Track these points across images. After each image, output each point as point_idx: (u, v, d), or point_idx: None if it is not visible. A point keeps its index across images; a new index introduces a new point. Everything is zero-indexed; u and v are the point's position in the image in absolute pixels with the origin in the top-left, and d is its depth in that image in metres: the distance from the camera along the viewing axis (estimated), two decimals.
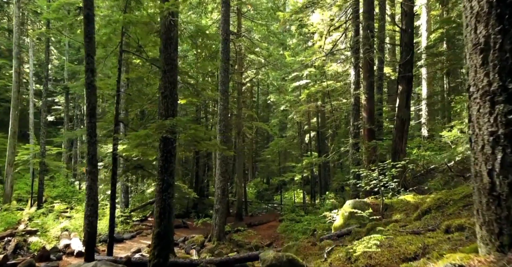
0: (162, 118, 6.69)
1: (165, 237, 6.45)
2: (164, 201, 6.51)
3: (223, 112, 14.06)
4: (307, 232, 15.50)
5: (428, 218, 4.89)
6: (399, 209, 7.66)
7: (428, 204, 5.51)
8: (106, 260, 7.99)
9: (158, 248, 6.33)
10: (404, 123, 11.84)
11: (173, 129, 6.45)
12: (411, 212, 7.15)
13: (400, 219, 6.62)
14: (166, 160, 6.64)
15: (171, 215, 6.62)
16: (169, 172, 6.64)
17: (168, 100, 6.76)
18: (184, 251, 12.51)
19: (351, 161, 12.55)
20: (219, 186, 13.88)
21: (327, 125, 24.18)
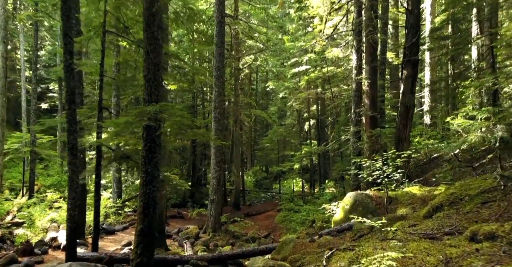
0: (146, 104, 6.05)
1: (149, 234, 5.89)
2: (148, 195, 5.93)
3: (218, 98, 13.40)
4: (305, 223, 15.04)
5: (441, 217, 4.30)
6: (404, 202, 7.10)
7: (439, 199, 4.92)
8: (89, 256, 7.49)
9: (142, 246, 5.78)
10: (408, 110, 11.21)
11: (157, 116, 5.82)
12: (418, 206, 6.59)
13: (407, 215, 6.05)
14: (150, 150, 6.03)
15: (156, 210, 6.05)
16: (153, 163, 6.03)
17: (152, 84, 6.11)
18: (177, 243, 12.04)
19: (352, 150, 11.96)
20: (214, 176, 13.33)
21: (327, 112, 23.53)
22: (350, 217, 7.58)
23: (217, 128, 13.30)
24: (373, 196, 7.65)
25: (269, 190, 28.96)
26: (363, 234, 6.05)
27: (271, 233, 15.14)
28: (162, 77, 6.25)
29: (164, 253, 8.15)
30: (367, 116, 11.68)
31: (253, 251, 7.26)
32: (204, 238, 12.88)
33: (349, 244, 4.87)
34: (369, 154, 11.43)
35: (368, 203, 7.43)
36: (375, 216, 7.18)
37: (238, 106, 20.30)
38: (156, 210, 6.11)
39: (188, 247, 11.21)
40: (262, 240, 13.41)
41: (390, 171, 7.83)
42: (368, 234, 5.98)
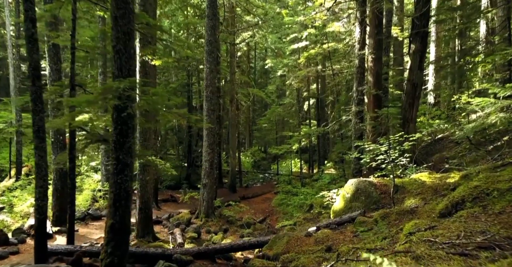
0: (115, 79, 5.15)
1: (122, 230, 5.12)
2: (119, 186, 5.12)
3: (209, 76, 12.43)
4: (303, 207, 14.40)
5: (466, 217, 3.50)
6: (413, 191, 6.31)
7: (460, 193, 4.11)
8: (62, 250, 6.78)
9: (112, 244, 5.02)
10: (416, 88, 10.28)
11: (126, 94, 4.93)
12: (429, 196, 5.80)
13: (417, 208, 5.27)
14: (121, 134, 5.18)
15: (129, 203, 5.26)
16: (126, 148, 5.20)
17: (122, 56, 5.18)
18: (167, 230, 11.39)
19: (354, 131, 11.12)
20: (206, 159, 12.55)
21: (327, 91, 22.53)
22: (351, 207, 6.84)
23: (209, 108, 12.40)
24: (377, 183, 6.86)
25: (267, 171, 28.36)
26: (366, 230, 5.29)
27: (267, 217, 14.52)
28: (134, 49, 5.31)
29: (146, 245, 7.45)
30: (371, 94, 10.78)
31: (243, 244, 6.55)
32: (196, 223, 12.23)
33: (351, 246, 4.09)
34: (372, 136, 10.61)
35: (371, 192, 6.66)
36: (379, 207, 6.42)
37: (234, 84, 19.30)
38: (130, 202, 5.31)
39: (178, 235, 10.55)
40: (257, 226, 12.79)
41: (396, 155, 7.03)
42: (372, 229, 5.22)
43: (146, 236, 9.53)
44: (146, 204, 9.62)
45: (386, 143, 7.06)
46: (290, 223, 11.42)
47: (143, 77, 9.49)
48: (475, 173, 6.07)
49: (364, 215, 6.10)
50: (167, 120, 6.26)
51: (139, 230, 9.59)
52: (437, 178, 6.55)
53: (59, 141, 10.57)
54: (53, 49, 10.00)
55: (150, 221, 9.81)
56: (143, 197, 9.59)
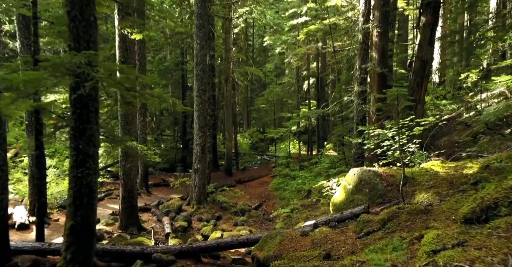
0: (72, 52, 4.24)
1: (84, 232, 4.36)
2: (80, 181, 4.32)
3: (200, 52, 11.43)
4: (301, 192, 13.73)
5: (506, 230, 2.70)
6: (424, 184, 5.52)
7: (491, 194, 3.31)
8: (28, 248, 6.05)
9: (73, 249, 4.27)
10: (425, 65, 9.36)
11: (84, 70, 4.04)
12: (444, 190, 5.01)
13: (431, 206, 4.48)
14: (80, 119, 4.33)
15: (93, 200, 4.48)
16: (87, 136, 4.36)
17: (78, 25, 4.27)
18: (156, 218, 10.72)
19: (356, 113, 10.25)
20: (198, 142, 11.73)
21: (327, 69, 21.47)
22: (353, 200, 6.07)
23: (200, 88, 11.48)
24: (382, 174, 6.07)
25: (264, 153, 27.65)
26: (371, 231, 4.53)
27: (263, 203, 13.86)
28: (95, 16, 4.37)
29: (125, 241, 6.73)
30: (375, 73, 9.84)
31: (231, 243, 5.82)
32: (188, 211, 11.55)
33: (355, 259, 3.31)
34: (375, 119, 9.76)
35: (376, 183, 5.87)
36: (385, 201, 5.64)
37: (229, 62, 18.24)
38: (95, 200, 4.53)
39: (166, 224, 9.87)
40: (252, 213, 12.13)
41: (404, 141, 6.22)
42: (378, 231, 4.46)
43: (131, 227, 8.84)
44: (129, 192, 8.87)
45: (394, 128, 6.22)
46: (287, 211, 10.74)
47: (123, 53, 8.55)
48: (496, 162, 5.27)
49: (368, 210, 5.34)
50: (147, 102, 5.39)
51: (123, 220, 8.90)
52: (452, 168, 5.74)
53: (33, 123, 9.70)
54: (22, 21, 8.99)
55: (135, 211, 9.10)
56: (126, 185, 8.84)
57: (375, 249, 3.75)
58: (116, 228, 8.95)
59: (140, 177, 13.87)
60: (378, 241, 4.12)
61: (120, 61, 8.53)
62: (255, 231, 10.14)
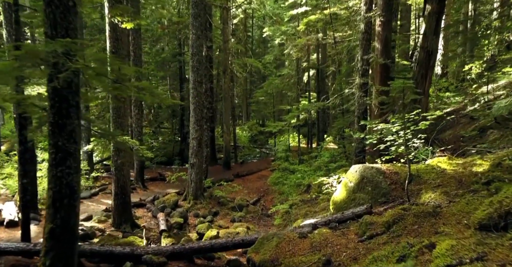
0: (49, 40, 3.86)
1: (65, 236, 4.04)
2: (60, 181, 3.99)
3: (195, 43, 11.02)
4: (300, 187, 13.42)
5: None
6: (431, 182, 5.19)
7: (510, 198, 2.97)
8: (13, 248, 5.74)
9: (53, 254, 3.95)
10: (430, 56, 8.96)
11: (59, 60, 3.67)
12: (453, 189, 4.68)
13: (440, 207, 4.15)
14: (59, 114, 3.97)
15: (75, 201, 4.15)
16: (67, 132, 4.01)
17: (56, 11, 3.88)
18: (151, 214, 10.43)
19: (357, 106, 9.88)
20: (194, 136, 11.39)
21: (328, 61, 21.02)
22: (355, 199, 5.75)
23: (196, 80, 11.09)
24: (386, 171, 5.73)
25: (264, 146, 27.31)
26: (375, 234, 4.21)
27: (261, 198, 13.57)
28: (74, 0, 3.99)
29: (115, 241, 6.43)
30: (378, 64, 9.46)
31: (226, 244, 5.52)
32: (184, 206, 11.26)
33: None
34: (377, 113, 9.40)
35: (379, 181, 5.54)
36: (389, 200, 5.32)
37: (227, 53, 17.79)
38: (77, 201, 4.19)
39: (161, 220, 9.57)
40: (250, 208, 11.84)
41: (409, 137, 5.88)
42: (383, 235, 4.14)
43: (124, 224, 8.54)
44: (122, 188, 8.55)
45: (399, 122, 5.87)
46: (285, 208, 10.45)
47: (114, 44, 8.15)
48: (508, 160, 4.93)
49: (371, 210, 5.01)
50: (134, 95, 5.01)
51: (115, 217, 8.59)
52: (460, 165, 5.41)
53: None
54: (8, 9, 8.56)
55: (128, 207, 8.80)
56: (118, 181, 8.51)
57: (380, 257, 3.43)
58: (108, 226, 8.66)
59: (136, 171, 13.56)
60: (383, 246, 3.81)
61: (111, 51, 8.14)
62: (252, 227, 9.87)
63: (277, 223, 10.08)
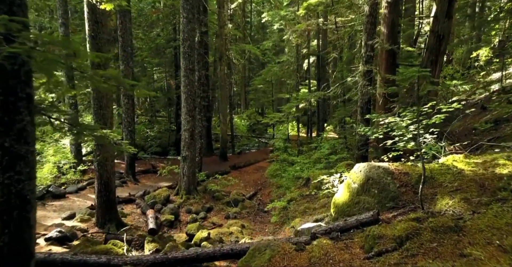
0: None
1: (16, 255, 3.39)
2: (7, 189, 3.31)
3: (187, 27, 10.23)
4: (299, 180, 12.80)
5: None
6: (447, 185, 4.52)
7: None
8: None
9: None
10: (441, 41, 8.18)
11: None
12: (474, 195, 4.02)
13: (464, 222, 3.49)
14: (5, 109, 3.28)
15: (29, 213, 3.49)
16: (16, 131, 3.32)
17: None
18: (140, 211, 9.83)
19: (360, 96, 9.16)
20: (186, 127, 10.71)
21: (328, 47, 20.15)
22: (359, 202, 5.10)
23: (187, 67, 10.34)
24: (394, 171, 5.06)
25: (262, 135, 26.64)
26: (384, 251, 3.56)
27: (258, 191, 12.98)
28: None
29: (91, 248, 5.80)
30: (384, 50, 8.69)
31: (213, 253, 4.89)
32: (176, 202, 10.67)
33: None
34: (383, 102, 8.69)
35: (387, 183, 4.87)
36: (398, 205, 4.67)
37: (223, 39, 16.94)
38: (31, 213, 3.53)
39: (150, 218, 8.97)
40: (246, 203, 11.25)
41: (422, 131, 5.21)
42: (393, 252, 3.50)
43: (108, 224, 7.94)
44: (106, 185, 7.91)
45: (409, 115, 5.18)
46: (283, 204, 9.84)
47: (93, 27, 7.39)
48: None
49: (378, 217, 4.37)
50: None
51: (99, 216, 7.99)
52: (479, 165, 4.73)
53: None
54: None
55: (113, 205, 8.17)
56: (101, 178, 7.87)
57: None
58: (92, 225, 8.06)
59: (126, 164, 12.93)
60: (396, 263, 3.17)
61: (90, 35, 7.39)
62: (248, 225, 9.29)
63: (274, 220, 9.49)
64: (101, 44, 7.45)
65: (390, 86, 8.61)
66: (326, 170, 12.06)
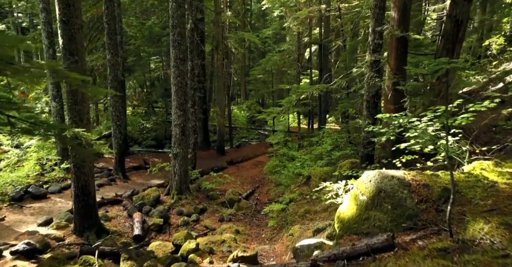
0: None
1: None
2: None
3: (176, 12, 9.32)
4: (300, 178, 12.01)
5: None
6: (478, 203, 3.70)
7: None
8: None
9: None
10: (459, 26, 7.26)
11: None
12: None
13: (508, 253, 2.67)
14: None
15: None
16: None
17: None
18: (126, 214, 9.07)
19: (367, 88, 8.26)
20: (176, 122, 9.88)
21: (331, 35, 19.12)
22: (369, 218, 4.29)
23: (177, 56, 9.45)
24: (411, 182, 4.23)
25: (262, 127, 25.79)
26: None
27: (256, 189, 12.23)
28: None
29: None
30: (394, 37, 7.77)
31: None
32: (166, 203, 9.91)
33: None
34: (392, 96, 7.82)
35: (403, 197, 4.05)
36: (417, 226, 3.85)
37: (219, 26, 15.96)
38: None
39: (136, 222, 8.25)
40: (242, 203, 10.51)
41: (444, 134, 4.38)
42: None
43: (87, 231, 7.19)
44: (84, 189, 7.13)
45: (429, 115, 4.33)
46: (282, 207, 9.06)
47: (64, 10, 6.50)
48: None
49: (393, 241, 3.56)
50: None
51: (77, 223, 7.22)
52: None
53: None
54: None
55: (92, 210, 7.39)
56: (78, 181, 7.09)
57: None
58: (69, 233, 7.30)
59: (115, 160, 12.14)
60: None
61: (61, 20, 6.50)
62: (243, 230, 8.54)
63: (272, 224, 8.72)
64: (74, 31, 6.56)
65: (400, 78, 7.75)
66: (328, 167, 11.26)
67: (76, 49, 6.68)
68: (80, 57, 6.76)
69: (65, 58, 6.62)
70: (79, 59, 6.72)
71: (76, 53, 6.67)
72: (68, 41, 6.58)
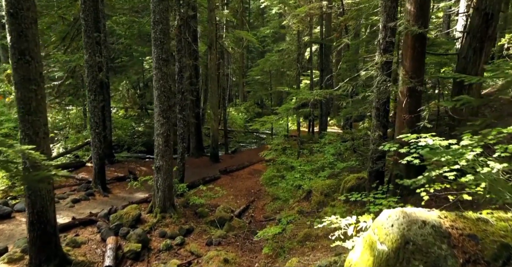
0: None
1: None
2: None
3: (158, 7, 8.15)
4: (299, 191, 10.86)
5: None
6: None
7: None
8: None
9: None
10: (488, 21, 6.13)
11: None
12: None
13: None
14: None
15: None
16: None
17: None
18: (99, 237, 7.90)
19: (377, 94, 7.10)
20: (159, 131, 8.73)
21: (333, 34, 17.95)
22: None
23: (160, 57, 8.29)
24: (450, 231, 3.05)
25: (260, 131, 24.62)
26: None
27: (251, 204, 11.07)
28: None
29: None
30: (409, 35, 6.59)
31: None
32: (148, 222, 8.73)
33: None
34: (407, 104, 6.65)
35: (441, 255, 2.89)
36: None
37: (213, 25, 14.79)
38: None
39: (109, 250, 7.11)
40: (234, 222, 9.36)
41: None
42: None
43: (44, 264, 6.03)
44: (40, 215, 5.97)
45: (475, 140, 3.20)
46: (278, 231, 7.89)
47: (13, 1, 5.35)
48: None
49: None
50: None
51: (32, 256, 6.05)
52: None
53: None
54: None
55: (52, 239, 6.23)
56: (34, 206, 5.92)
57: None
58: None
59: (95, 171, 10.98)
60: None
61: (9, 13, 5.36)
62: (233, 258, 7.37)
63: (267, 252, 7.55)
64: (25, 25, 5.42)
65: (417, 83, 6.58)
66: (331, 179, 10.12)
67: (28, 47, 5.53)
68: (34, 57, 5.61)
69: (13, 58, 5.47)
70: (32, 59, 5.57)
71: (28, 53, 5.53)
72: (18, 38, 5.43)
